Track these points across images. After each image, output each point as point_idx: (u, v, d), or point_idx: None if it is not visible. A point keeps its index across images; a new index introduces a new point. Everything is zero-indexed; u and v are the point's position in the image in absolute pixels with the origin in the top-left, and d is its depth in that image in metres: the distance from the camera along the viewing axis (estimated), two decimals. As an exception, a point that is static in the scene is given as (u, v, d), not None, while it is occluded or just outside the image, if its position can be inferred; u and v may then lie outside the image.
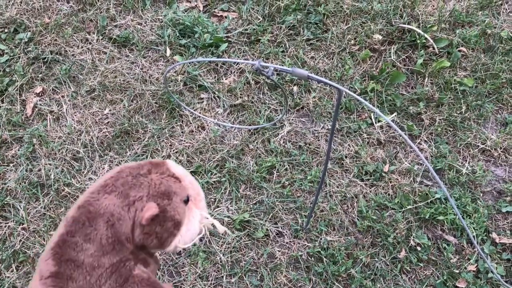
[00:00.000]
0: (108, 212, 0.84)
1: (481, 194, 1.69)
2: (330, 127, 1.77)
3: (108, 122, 1.74)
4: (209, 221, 0.97)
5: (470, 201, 1.65)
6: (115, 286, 0.82)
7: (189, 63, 1.84)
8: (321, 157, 1.72)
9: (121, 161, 1.68)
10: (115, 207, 0.84)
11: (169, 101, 1.76)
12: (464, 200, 1.64)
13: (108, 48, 1.88)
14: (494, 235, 1.61)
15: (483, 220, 1.61)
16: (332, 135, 1.13)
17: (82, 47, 1.88)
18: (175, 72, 1.83)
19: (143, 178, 0.88)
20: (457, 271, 1.54)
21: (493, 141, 1.77)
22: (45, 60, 1.83)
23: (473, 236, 1.59)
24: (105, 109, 1.76)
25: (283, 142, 1.74)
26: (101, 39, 1.90)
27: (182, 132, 1.73)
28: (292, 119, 1.79)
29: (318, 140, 1.76)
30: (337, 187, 1.67)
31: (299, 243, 1.58)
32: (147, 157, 1.68)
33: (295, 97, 1.82)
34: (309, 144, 1.74)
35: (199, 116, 1.74)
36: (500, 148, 1.77)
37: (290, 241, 1.58)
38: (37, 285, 0.82)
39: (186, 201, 0.92)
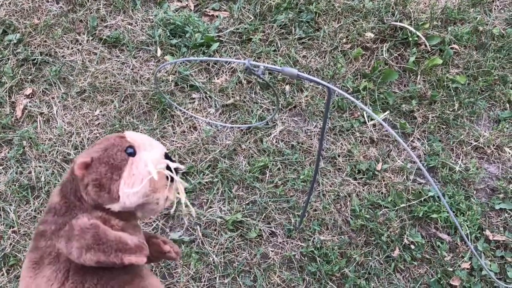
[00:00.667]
0: (62, 183, 0.94)
1: (475, 192, 1.68)
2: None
3: (99, 124, 1.73)
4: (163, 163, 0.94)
5: (464, 198, 1.65)
6: (66, 240, 0.84)
7: (181, 63, 1.83)
8: (313, 156, 1.71)
9: (112, 162, 1.66)
10: (67, 175, 0.94)
11: (160, 102, 1.74)
12: (458, 197, 1.64)
13: (98, 48, 1.87)
14: (487, 232, 1.61)
15: (477, 218, 1.61)
16: (323, 133, 1.12)
17: (72, 48, 1.86)
18: (166, 72, 1.82)
19: (92, 146, 0.95)
20: (451, 269, 1.53)
21: (486, 138, 1.77)
22: (35, 61, 1.81)
23: (467, 234, 1.59)
24: (95, 110, 1.75)
25: (276, 142, 1.73)
26: (91, 39, 1.89)
27: (173, 132, 1.72)
28: (284, 119, 1.78)
29: (311, 139, 1.75)
30: (330, 186, 1.66)
31: (292, 243, 1.57)
32: (138, 158, 1.66)
33: (287, 96, 1.81)
34: (302, 143, 1.73)
35: (191, 116, 1.73)
36: (493, 145, 1.76)
37: (283, 241, 1.57)
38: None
39: (131, 153, 0.92)
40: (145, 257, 0.85)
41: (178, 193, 0.99)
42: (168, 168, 0.95)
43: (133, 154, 0.92)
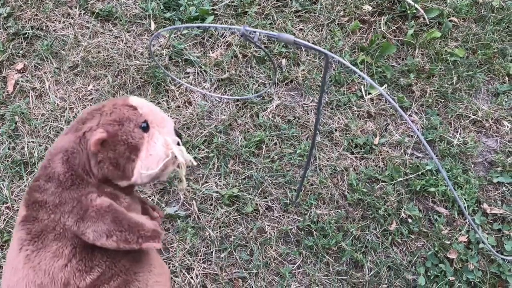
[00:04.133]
0: (63, 149, 0.84)
1: (472, 165, 1.67)
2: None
3: (92, 99, 1.70)
4: (175, 149, 0.92)
5: (461, 172, 1.64)
6: (77, 218, 0.80)
7: (175, 37, 1.79)
8: (310, 130, 1.69)
9: (106, 137, 1.64)
10: (69, 142, 0.85)
11: (155, 76, 1.71)
12: (455, 171, 1.63)
13: (90, 22, 1.83)
14: (485, 205, 1.60)
15: (474, 191, 1.60)
16: (321, 103, 1.10)
17: (63, 22, 1.82)
18: (160, 46, 1.78)
19: (96, 111, 0.88)
20: (448, 243, 1.53)
21: (485, 111, 1.75)
22: (26, 35, 1.77)
23: (465, 207, 1.58)
24: (88, 85, 1.72)
25: (272, 116, 1.70)
26: (83, 13, 1.85)
27: (168, 107, 1.69)
28: (281, 93, 1.76)
29: (308, 114, 1.72)
30: (327, 160, 1.64)
31: (288, 217, 1.56)
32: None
33: (284, 70, 1.78)
34: (299, 118, 1.71)
35: (187, 86, 1.70)
36: (492, 118, 1.74)
37: (280, 215, 1.56)
38: (13, 234, 0.84)
39: (145, 128, 0.88)
40: (161, 242, 0.84)
41: (179, 166, 0.96)
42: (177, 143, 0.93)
43: (147, 129, 0.89)
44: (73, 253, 0.80)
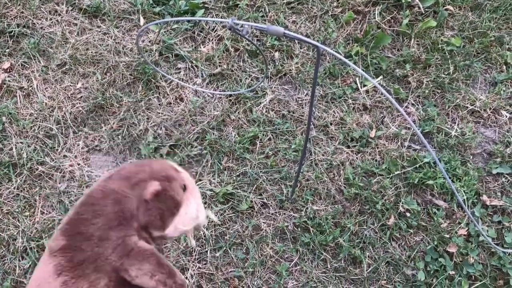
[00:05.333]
0: (115, 192, 0.91)
1: (471, 157, 1.64)
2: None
3: (81, 97, 1.66)
4: (204, 212, 1.04)
5: (460, 164, 1.61)
6: (121, 255, 0.86)
7: (165, 31, 1.75)
8: (305, 125, 1.65)
9: (96, 137, 1.60)
10: (122, 187, 0.92)
11: (145, 72, 1.67)
12: (454, 163, 1.59)
13: (78, 19, 1.78)
14: (484, 197, 1.57)
15: (473, 183, 1.57)
16: (313, 96, 1.06)
17: (51, 19, 1.78)
18: (149, 41, 1.74)
19: (145, 166, 0.98)
20: (448, 236, 1.50)
21: (482, 101, 1.72)
22: (12, 34, 1.73)
23: (464, 200, 1.55)
24: (77, 83, 1.68)
25: (266, 111, 1.67)
26: (71, 10, 1.80)
27: (159, 104, 1.65)
28: (274, 87, 1.72)
29: (302, 108, 1.69)
30: (323, 155, 1.61)
31: (284, 213, 1.53)
32: (123, 132, 1.60)
33: (277, 63, 1.75)
34: (293, 112, 1.67)
35: (178, 82, 1.67)
36: (490, 108, 1.71)
37: (276, 212, 1.53)
38: (46, 260, 0.86)
39: (184, 189, 0.99)
40: None
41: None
42: None
43: (185, 190, 0.99)
44: (108, 286, 0.86)
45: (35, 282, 0.88)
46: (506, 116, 1.70)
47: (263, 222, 1.51)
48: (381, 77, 1.74)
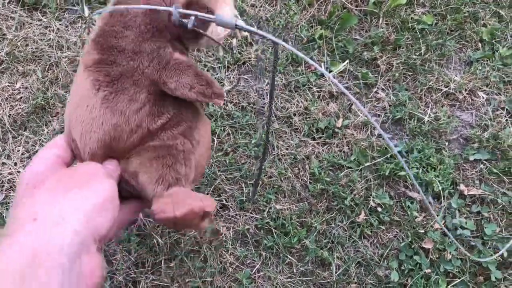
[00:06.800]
0: (145, 1, 0.84)
1: (446, 143, 1.52)
2: (276, 83, 1.57)
3: (21, 98, 1.52)
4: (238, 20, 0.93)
5: (434, 151, 1.48)
6: (157, 68, 0.82)
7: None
8: (267, 117, 1.52)
9: (37, 141, 1.46)
10: None
11: (89, 68, 1.53)
12: (428, 151, 1.47)
13: (16, 13, 1.63)
14: (462, 187, 1.46)
15: (449, 172, 1.45)
16: (272, 98, 0.93)
17: (-14, 14, 1.63)
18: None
19: None
20: (423, 231, 1.38)
21: (457, 83, 1.59)
22: None
23: (439, 191, 1.43)
24: (16, 83, 1.53)
25: (223, 104, 1.53)
26: (8, 3, 1.65)
27: (106, 102, 1.51)
28: (232, 77, 1.58)
29: (263, 99, 1.56)
30: (286, 149, 1.48)
31: (245, 215, 1.40)
32: (66, 134, 1.46)
33: (235, 51, 1.61)
34: (253, 104, 1.54)
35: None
36: (465, 90, 1.59)
37: (236, 214, 1.41)
38: (82, 74, 0.82)
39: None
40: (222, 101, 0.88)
41: None
42: None
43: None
44: (148, 99, 0.82)
45: (75, 96, 0.84)
46: (483, 97, 1.58)
47: (222, 226, 1.39)
48: (347, 61, 1.60)
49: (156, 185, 0.82)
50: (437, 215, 1.42)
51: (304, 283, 1.34)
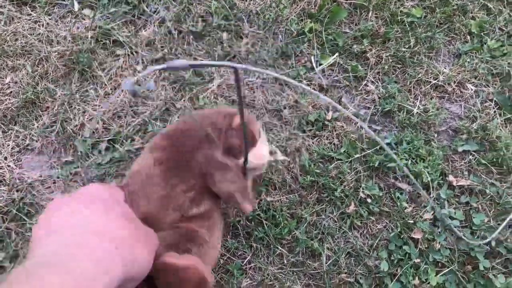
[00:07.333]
0: (209, 118, 1.03)
1: (435, 135, 1.53)
2: (266, 76, 1.57)
3: (10, 92, 1.52)
4: (272, 149, 1.16)
5: (424, 143, 1.50)
6: (209, 163, 0.97)
7: (101, 17, 1.60)
8: (257, 110, 1.53)
9: (27, 135, 1.46)
10: (214, 115, 1.04)
11: (79, 62, 1.53)
12: (417, 143, 1.49)
13: (5, 7, 1.63)
14: (451, 177, 1.47)
15: (438, 163, 1.46)
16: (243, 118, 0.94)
17: (-25, 8, 1.62)
18: (85, 28, 1.59)
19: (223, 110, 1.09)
20: (412, 221, 1.39)
21: (446, 75, 1.60)
22: None
23: (428, 182, 1.44)
24: (6, 78, 1.53)
25: (214, 98, 1.54)
26: (-3, -3, 1.64)
27: (96, 95, 1.51)
28: (223, 71, 1.59)
29: (254, 92, 1.56)
30: (277, 142, 1.49)
31: (236, 207, 1.41)
32: (57, 128, 1.46)
33: (225, 45, 1.61)
34: (244, 97, 1.55)
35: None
36: (454, 82, 1.60)
37: (227, 207, 1.41)
38: (146, 154, 1.01)
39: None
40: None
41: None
42: None
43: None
44: (194, 187, 0.95)
45: (137, 166, 1.00)
46: (472, 89, 1.60)
47: (213, 218, 1.39)
48: (337, 54, 1.61)
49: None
50: (426, 206, 1.43)
51: (294, 273, 1.35)
